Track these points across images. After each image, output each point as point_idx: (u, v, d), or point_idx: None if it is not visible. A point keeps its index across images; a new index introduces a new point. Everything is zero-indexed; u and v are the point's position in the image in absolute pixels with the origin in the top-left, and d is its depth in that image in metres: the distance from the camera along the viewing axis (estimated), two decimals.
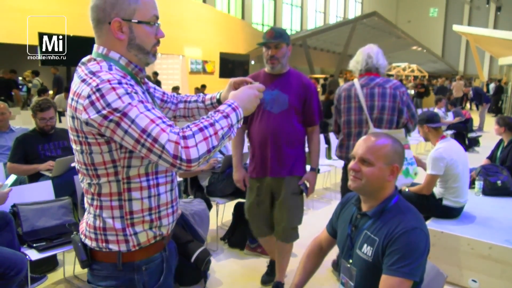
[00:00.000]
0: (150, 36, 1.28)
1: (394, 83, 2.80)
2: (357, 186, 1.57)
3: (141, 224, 1.28)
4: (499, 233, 3.08)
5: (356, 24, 22.64)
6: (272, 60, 2.53)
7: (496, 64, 25.68)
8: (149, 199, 1.28)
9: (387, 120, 2.76)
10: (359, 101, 2.80)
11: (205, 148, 1.13)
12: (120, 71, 1.22)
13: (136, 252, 1.30)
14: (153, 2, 1.29)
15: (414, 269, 1.41)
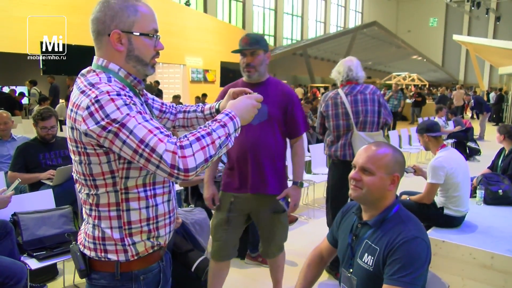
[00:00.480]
0: (149, 47, 1.30)
1: (371, 89, 3.20)
2: (358, 195, 1.56)
3: (139, 234, 1.29)
4: (501, 243, 3.06)
5: (356, 33, 22.81)
6: (248, 68, 2.36)
7: (496, 73, 25.74)
8: (147, 210, 1.28)
9: (370, 121, 3.13)
10: (345, 107, 3.13)
11: (203, 157, 1.13)
12: (119, 83, 1.23)
13: (134, 262, 1.30)
14: (153, 15, 1.31)
15: (415, 278, 1.40)
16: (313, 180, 5.03)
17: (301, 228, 4.46)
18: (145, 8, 1.29)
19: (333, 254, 1.85)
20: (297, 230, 4.39)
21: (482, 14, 28.05)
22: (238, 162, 2.44)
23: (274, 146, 2.41)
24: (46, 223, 2.85)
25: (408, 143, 8.44)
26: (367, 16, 34.69)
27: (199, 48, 17.22)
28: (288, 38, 28.53)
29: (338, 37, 23.35)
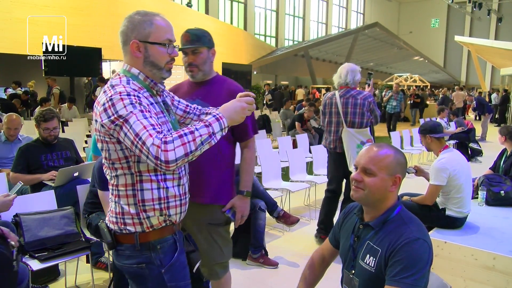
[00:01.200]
0: (162, 54, 1.51)
1: (364, 95, 3.71)
2: (360, 196, 1.56)
3: (152, 211, 1.51)
4: (503, 244, 3.05)
5: (358, 35, 22.80)
6: (190, 67, 2.16)
7: (498, 74, 25.73)
8: (158, 190, 1.50)
9: (358, 122, 3.70)
10: (337, 107, 3.72)
11: (183, 152, 1.33)
12: (136, 85, 1.48)
13: (150, 233, 1.52)
14: (168, 27, 1.53)
15: (417, 280, 1.40)
16: (314, 181, 5.03)
17: (302, 229, 4.45)
18: (161, 22, 1.51)
19: (335, 256, 1.84)
20: (298, 232, 4.39)
21: (484, 15, 28.02)
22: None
23: (216, 152, 2.14)
24: (48, 224, 2.86)
25: (410, 144, 8.43)
26: (369, 17, 34.68)
27: None
28: (290, 39, 28.53)
29: (340, 38, 23.35)
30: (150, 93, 1.52)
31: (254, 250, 3.56)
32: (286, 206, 4.72)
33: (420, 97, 15.94)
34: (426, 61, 30.00)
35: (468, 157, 7.66)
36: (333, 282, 1.99)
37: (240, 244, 3.70)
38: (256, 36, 24.84)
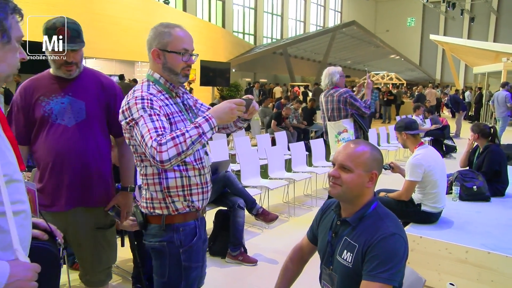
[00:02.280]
0: (178, 62, 1.71)
1: (339, 92, 4.21)
2: (337, 192, 1.58)
3: (177, 197, 1.72)
4: (475, 237, 3.14)
5: (336, 33, 22.99)
6: (69, 66, 2.00)
7: (471, 73, 26.39)
8: (181, 179, 1.71)
9: (335, 116, 4.25)
10: (322, 104, 4.38)
11: (175, 152, 1.49)
12: (156, 88, 1.71)
13: (176, 216, 1.74)
14: (185, 38, 1.73)
15: (393, 274, 1.42)
16: (293, 179, 5.06)
17: (281, 227, 4.48)
18: (179, 33, 1.72)
19: (313, 252, 1.86)
20: (277, 229, 4.41)
21: (457, 15, 28.69)
22: (50, 173, 2.01)
23: (95, 149, 2.07)
24: None
25: (386, 141, 8.57)
26: (346, 15, 35.03)
27: None
28: (268, 37, 28.57)
29: (318, 36, 23.51)
30: (169, 95, 1.74)
31: (233, 248, 3.56)
32: (265, 204, 4.73)
33: (393, 95, 16.19)
34: (402, 59, 30.52)
35: (442, 154, 7.84)
36: (311, 279, 2.01)
37: (219, 242, 3.70)
38: (235, 33, 24.77)
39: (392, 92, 16.67)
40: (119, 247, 3.05)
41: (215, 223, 3.82)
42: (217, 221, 3.80)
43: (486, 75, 18.80)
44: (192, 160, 1.73)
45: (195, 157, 1.74)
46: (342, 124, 4.20)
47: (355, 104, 4.19)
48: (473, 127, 4.53)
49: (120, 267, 3.42)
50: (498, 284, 2.85)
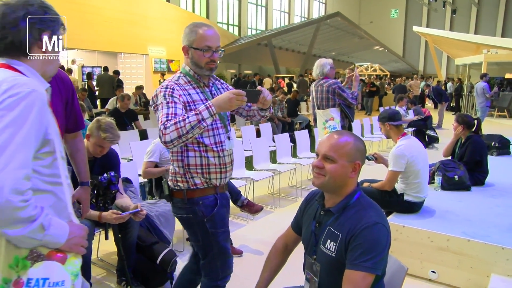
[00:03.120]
0: (201, 57, 1.98)
1: (329, 83, 4.50)
2: (321, 182, 1.59)
3: (195, 174, 2.00)
4: (456, 226, 3.21)
5: (320, 24, 23.00)
6: None
7: (453, 64, 26.75)
8: (200, 158, 1.99)
9: (323, 104, 4.54)
10: (312, 93, 4.66)
11: (176, 135, 1.78)
12: (185, 79, 2.03)
13: (195, 191, 2.01)
14: (209, 36, 1.97)
15: (376, 263, 1.44)
16: (278, 170, 5.08)
17: (266, 218, 4.50)
18: (204, 32, 1.97)
19: (298, 242, 1.87)
20: (262, 220, 4.43)
21: (440, 6, 28.99)
22: None
23: None
24: None
25: (370, 132, 8.65)
26: (331, 7, 35.03)
27: (162, 38, 16.87)
28: (253, 28, 28.43)
29: (302, 27, 23.48)
30: (197, 85, 2.03)
31: None
32: (250, 195, 4.74)
33: (376, 86, 16.30)
34: (386, 50, 30.74)
35: (425, 144, 7.95)
36: (295, 268, 2.03)
37: None
38: (219, 24, 24.57)
39: (374, 83, 16.78)
40: (102, 240, 3.03)
41: None
42: None
43: (468, 67, 19.11)
44: (212, 143, 2.00)
45: (215, 140, 2.01)
46: (330, 113, 4.52)
47: (343, 95, 4.48)
48: (458, 118, 4.58)
49: (105, 260, 3.40)
50: (477, 270, 2.92)
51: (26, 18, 1.26)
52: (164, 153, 3.64)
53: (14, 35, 1.27)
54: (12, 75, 1.23)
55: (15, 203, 1.07)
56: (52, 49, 1.35)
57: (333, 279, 1.54)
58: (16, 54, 1.29)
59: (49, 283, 1.19)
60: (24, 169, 1.12)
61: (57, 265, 1.21)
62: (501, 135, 6.32)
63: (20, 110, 1.14)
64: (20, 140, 1.12)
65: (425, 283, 3.10)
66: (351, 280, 1.44)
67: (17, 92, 1.16)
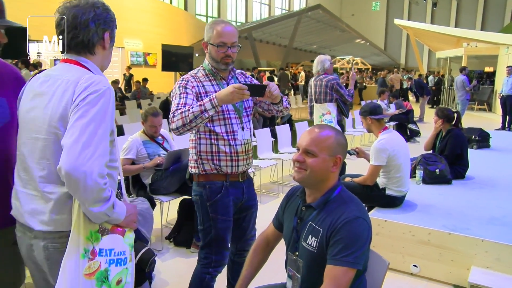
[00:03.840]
0: (217, 52, 2.16)
1: (328, 78, 4.88)
2: (302, 177, 1.60)
3: (206, 160, 2.19)
4: (437, 219, 3.28)
5: (301, 17, 23.03)
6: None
7: (434, 57, 27.19)
8: (210, 146, 2.17)
9: (321, 99, 4.91)
10: (311, 87, 5.02)
11: (181, 123, 1.99)
12: (204, 72, 2.23)
13: (204, 176, 2.21)
14: (224, 33, 2.13)
15: (357, 258, 1.46)
16: (259, 165, 5.09)
17: None
18: (220, 29, 2.13)
19: (279, 239, 1.88)
20: None
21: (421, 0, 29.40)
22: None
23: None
24: None
25: (351, 126, 8.74)
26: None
27: (138, 30, 16.65)
28: (232, 21, 28.29)
29: (283, 20, 23.48)
30: (214, 77, 2.21)
31: (199, 237, 3.54)
32: None
33: None
34: (368, 44, 31.04)
35: (407, 138, 8.08)
36: (277, 265, 2.04)
37: (184, 232, 3.68)
38: (198, 16, 24.38)
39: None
40: None
41: (179, 212, 3.80)
42: (181, 211, 3.77)
43: (448, 60, 19.47)
44: (223, 131, 2.16)
45: (227, 129, 2.16)
46: (327, 107, 4.90)
47: (340, 91, 4.88)
48: (437, 111, 4.67)
49: None
50: (458, 263, 3.00)
51: (94, 20, 1.47)
52: (141, 150, 3.61)
53: (84, 35, 1.47)
54: (84, 73, 1.44)
55: (100, 185, 1.32)
56: (110, 46, 1.58)
57: (315, 275, 1.56)
58: (83, 51, 1.50)
59: (114, 252, 1.47)
60: (105, 157, 1.36)
61: (119, 237, 1.49)
62: (481, 129, 6.48)
63: (100, 106, 1.36)
64: (101, 132, 1.35)
65: (407, 277, 3.16)
66: (332, 276, 1.45)
67: (97, 90, 1.37)
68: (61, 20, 1.49)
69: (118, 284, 1.49)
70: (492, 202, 3.75)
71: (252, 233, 2.47)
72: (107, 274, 1.45)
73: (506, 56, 13.86)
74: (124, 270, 1.51)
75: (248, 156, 2.27)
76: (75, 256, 1.39)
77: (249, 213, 2.41)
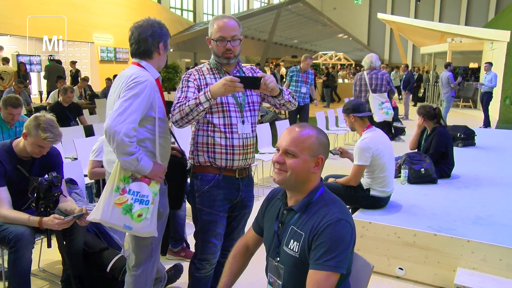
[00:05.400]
0: (217, 47, 2.28)
1: (382, 72, 6.44)
2: (282, 179, 1.59)
3: (201, 152, 2.31)
4: (422, 220, 3.34)
5: (281, 10, 23.07)
6: None
7: (419, 53, 27.68)
8: (207, 137, 2.28)
9: (378, 89, 6.30)
10: (365, 81, 6.39)
11: (179, 116, 2.14)
12: (209, 66, 2.36)
13: (198, 167, 2.33)
14: (223, 27, 2.24)
15: (340, 261, 1.46)
16: None
17: None
18: (219, 24, 2.26)
19: (259, 244, 1.88)
20: None
21: None
22: None
23: None
24: None
25: (335, 124, 8.81)
26: None
27: (109, 24, 16.42)
28: (209, 14, 28.18)
29: (262, 13, 23.48)
30: (218, 71, 2.33)
31: (174, 244, 3.53)
32: None
33: (328, 75, 16.48)
34: (350, 38, 31.36)
35: (391, 136, 8.18)
36: (258, 271, 2.04)
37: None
38: (172, 10, 24.17)
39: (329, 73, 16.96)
40: (45, 248, 2.93)
41: None
42: None
43: (433, 56, 19.83)
44: (221, 123, 2.25)
45: (225, 122, 2.25)
46: (385, 95, 6.32)
47: (390, 83, 6.48)
48: (419, 109, 4.76)
49: (47, 271, 3.29)
50: (444, 265, 3.06)
51: (151, 35, 2.21)
52: None
53: (145, 46, 2.21)
54: (138, 70, 2.16)
55: (125, 142, 1.97)
56: (164, 51, 2.28)
57: (297, 281, 1.56)
58: (143, 57, 2.23)
59: (139, 194, 2.12)
60: (133, 124, 2.01)
61: (145, 185, 2.13)
62: (466, 126, 6.63)
63: (137, 90, 2.05)
64: (134, 107, 2.02)
65: (392, 281, 3.21)
66: (315, 281, 1.45)
67: (138, 80, 2.07)
68: (131, 35, 2.23)
69: (138, 217, 2.11)
70: (478, 201, 3.84)
71: (240, 234, 2.52)
72: (131, 207, 2.10)
73: (491, 51, 14.21)
74: (145, 208, 2.12)
75: (247, 152, 2.32)
76: (110, 189, 2.12)
77: (241, 214, 2.50)
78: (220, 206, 2.33)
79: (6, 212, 2.58)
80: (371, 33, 39.26)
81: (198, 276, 2.42)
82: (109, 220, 2.09)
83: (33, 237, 2.64)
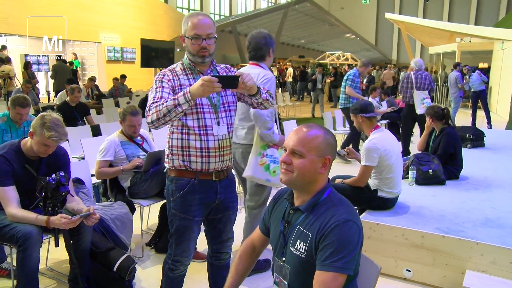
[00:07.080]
0: (192, 45, 2.21)
1: (425, 74, 7.37)
2: (289, 179, 1.60)
3: (176, 155, 2.25)
4: (430, 222, 3.32)
5: (288, 10, 23.09)
6: None
7: (427, 53, 27.53)
8: (182, 141, 2.23)
9: (422, 87, 7.19)
10: (411, 79, 7.33)
11: (156, 116, 2.06)
12: (182, 66, 2.29)
13: (173, 171, 2.29)
14: (198, 25, 2.18)
15: (347, 263, 1.46)
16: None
17: None
18: (194, 21, 2.18)
19: (266, 244, 1.88)
20: None
21: None
22: None
23: None
24: None
25: (342, 125, 8.79)
26: None
27: (116, 24, 16.50)
28: (216, 14, 28.25)
29: (269, 13, 23.52)
30: (192, 71, 2.27)
31: None
32: None
33: (335, 75, 16.49)
34: (358, 38, 31.28)
35: (399, 137, 8.15)
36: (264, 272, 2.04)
37: (165, 238, 3.64)
38: (179, 10, 24.26)
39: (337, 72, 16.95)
40: (52, 247, 2.95)
41: (160, 217, 3.78)
42: (162, 215, 3.75)
43: (441, 56, 19.72)
44: (195, 125, 2.19)
45: (199, 123, 2.19)
46: (426, 93, 7.27)
47: (431, 83, 7.40)
48: (427, 110, 4.74)
49: (55, 270, 3.32)
50: (452, 267, 3.04)
51: (265, 44, 3.10)
52: (119, 151, 3.58)
53: (260, 52, 3.11)
54: (261, 70, 3.04)
55: (268, 120, 2.86)
56: (272, 55, 3.16)
57: (303, 281, 1.56)
58: (259, 60, 3.13)
59: (273, 157, 2.97)
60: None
61: (276, 150, 2.99)
62: (475, 127, 6.59)
63: (269, 84, 2.93)
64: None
65: (400, 283, 3.19)
66: (321, 282, 1.46)
67: (268, 77, 2.96)
68: (249, 45, 3.14)
69: (274, 172, 2.97)
70: (487, 203, 3.82)
71: (228, 235, 2.52)
72: (269, 166, 2.96)
73: (501, 51, 14.10)
74: (277, 166, 2.92)
75: (223, 153, 2.26)
76: (254, 154, 2.99)
77: (226, 215, 2.44)
78: (196, 211, 2.28)
79: (14, 211, 2.61)
80: (379, 33, 39.13)
81: (171, 276, 2.44)
82: (257, 175, 2.96)
83: (41, 236, 2.66)
